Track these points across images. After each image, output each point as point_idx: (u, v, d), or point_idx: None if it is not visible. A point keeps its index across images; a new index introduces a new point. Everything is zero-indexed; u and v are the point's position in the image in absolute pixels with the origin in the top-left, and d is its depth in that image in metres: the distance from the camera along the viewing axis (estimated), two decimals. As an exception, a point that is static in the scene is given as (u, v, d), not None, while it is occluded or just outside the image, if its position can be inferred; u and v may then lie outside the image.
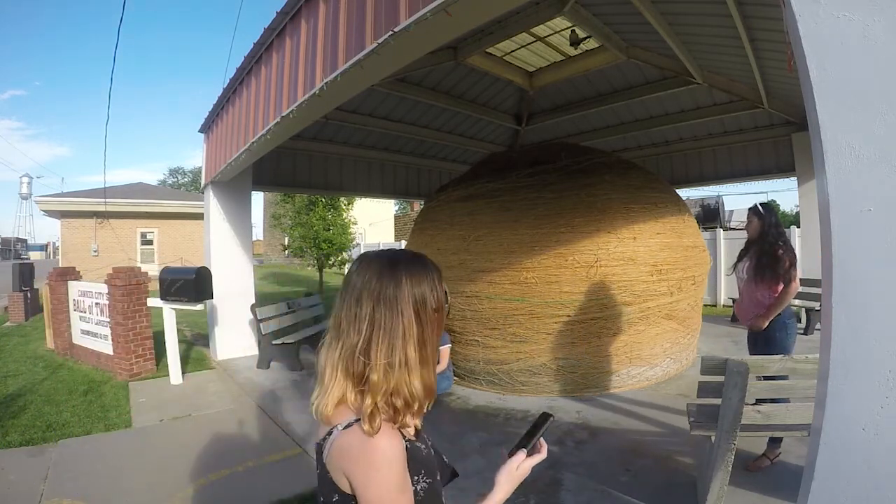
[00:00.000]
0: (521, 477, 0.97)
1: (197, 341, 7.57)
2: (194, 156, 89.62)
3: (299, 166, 7.88)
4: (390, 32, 2.35)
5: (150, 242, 17.76)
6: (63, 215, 16.07)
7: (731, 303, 8.70)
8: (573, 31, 5.31)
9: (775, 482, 2.78)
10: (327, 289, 15.65)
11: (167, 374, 5.36)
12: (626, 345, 4.51)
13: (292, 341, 5.77)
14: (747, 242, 3.41)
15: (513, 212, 4.74)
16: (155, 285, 5.52)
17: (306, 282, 18.27)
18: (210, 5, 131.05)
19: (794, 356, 2.45)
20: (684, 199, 6.11)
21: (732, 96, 6.05)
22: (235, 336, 6.49)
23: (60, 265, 11.18)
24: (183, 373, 5.46)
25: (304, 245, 15.02)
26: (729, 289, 9.30)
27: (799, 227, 7.55)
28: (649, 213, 4.77)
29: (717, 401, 2.49)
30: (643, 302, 4.47)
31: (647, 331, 4.59)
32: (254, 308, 6.04)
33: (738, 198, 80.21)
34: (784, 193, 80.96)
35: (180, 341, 6.13)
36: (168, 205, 17.89)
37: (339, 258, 15.55)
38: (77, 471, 3.27)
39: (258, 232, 34.71)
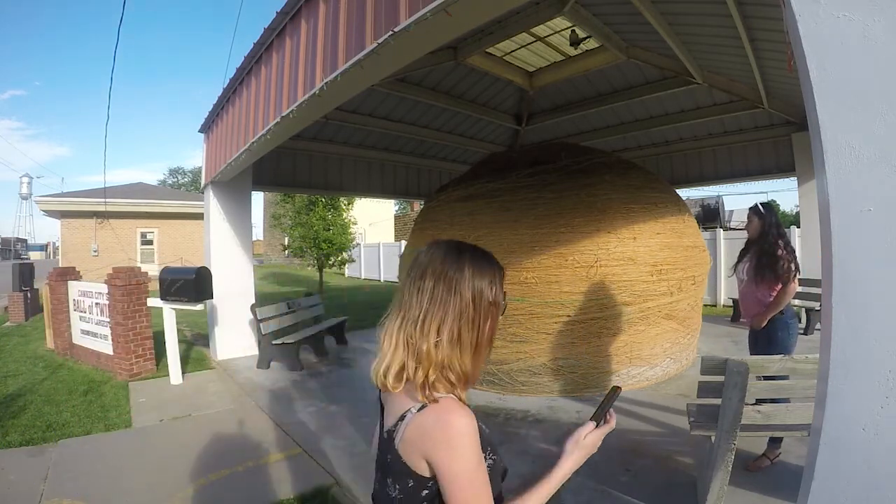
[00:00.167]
0: (589, 446, 0.98)
1: (197, 341, 7.57)
2: (194, 156, 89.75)
3: (299, 166, 7.87)
4: (390, 32, 2.35)
5: (150, 242, 17.77)
6: (63, 215, 16.08)
7: (731, 303, 8.70)
8: (573, 31, 5.31)
9: (775, 482, 2.78)
10: (327, 289, 15.66)
11: (167, 374, 5.36)
12: (626, 345, 4.51)
13: (292, 341, 5.77)
14: (747, 242, 3.41)
15: (513, 212, 4.74)
16: (155, 285, 5.52)
17: (306, 282, 18.27)
18: (210, 5, 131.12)
19: (794, 356, 2.45)
20: (684, 199, 6.11)
21: (732, 96, 6.05)
22: (235, 336, 6.49)
23: (60, 265, 11.19)
24: (183, 373, 5.46)
25: (304, 245, 15.03)
26: (729, 289, 9.30)
27: (799, 227, 7.55)
28: (649, 213, 4.77)
29: (717, 401, 2.49)
30: (643, 302, 4.47)
31: (647, 331, 4.59)
32: (254, 308, 6.04)
33: (738, 198, 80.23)
34: (784, 193, 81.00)
35: (180, 341, 6.14)
36: (168, 205, 17.90)
37: (339, 258, 15.56)
38: (77, 471, 3.27)
39: (258, 232, 34.76)
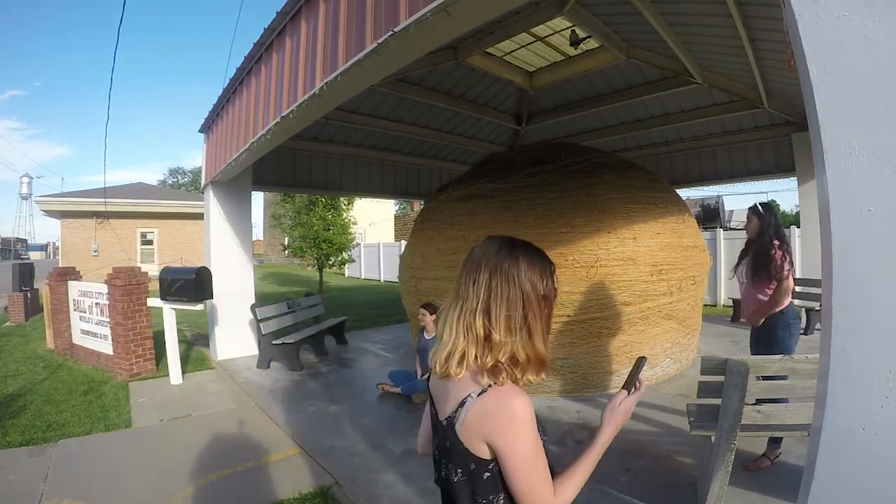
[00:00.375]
0: (625, 412, 1.04)
1: (197, 341, 7.57)
2: (194, 156, 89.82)
3: (299, 166, 7.87)
4: (390, 32, 2.35)
5: (150, 242, 17.76)
6: (63, 215, 16.07)
7: (731, 303, 8.71)
8: (573, 31, 5.31)
9: (775, 482, 2.78)
10: (327, 289, 15.66)
11: (167, 374, 5.36)
12: (626, 345, 4.51)
13: (292, 341, 5.76)
14: (747, 243, 3.41)
15: (513, 212, 4.74)
16: (155, 285, 5.52)
17: (306, 282, 18.28)
18: (210, 5, 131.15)
19: (794, 356, 2.45)
20: (684, 199, 6.11)
21: (732, 96, 6.05)
22: (235, 336, 6.49)
23: (60, 265, 11.20)
24: (183, 373, 5.46)
25: (304, 245, 15.03)
26: (729, 289, 9.30)
27: (799, 227, 7.55)
28: (649, 213, 4.77)
29: (717, 401, 2.49)
30: (643, 302, 4.47)
31: (647, 331, 4.59)
32: (254, 308, 6.04)
33: (738, 198, 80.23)
34: (784, 193, 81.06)
35: (180, 341, 6.14)
36: (168, 205, 17.89)
37: (339, 258, 15.56)
38: (77, 471, 3.27)
39: (258, 232, 34.78)
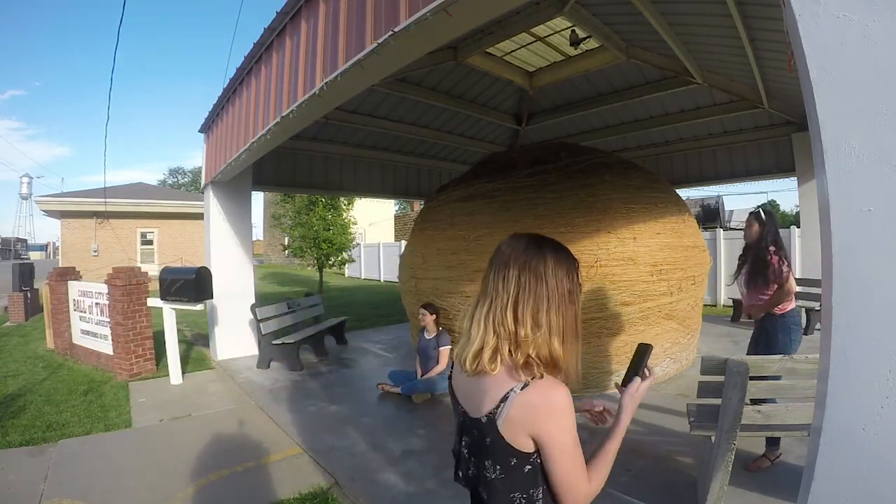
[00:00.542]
0: (639, 398, 1.11)
1: (197, 341, 7.57)
2: (194, 156, 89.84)
3: (299, 166, 7.87)
4: (390, 32, 2.35)
5: (150, 242, 17.76)
6: (63, 215, 16.07)
7: (731, 303, 8.71)
8: (573, 31, 5.31)
9: (775, 482, 2.78)
10: (327, 289, 15.66)
11: (167, 374, 5.35)
12: (626, 345, 4.51)
13: (292, 341, 5.76)
14: (745, 249, 3.41)
15: (513, 212, 4.74)
16: (155, 285, 5.52)
17: (306, 282, 18.28)
18: (210, 5, 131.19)
19: (794, 356, 2.46)
20: (684, 199, 6.11)
21: (732, 96, 6.05)
22: (235, 336, 6.49)
23: (60, 265, 11.20)
24: (183, 373, 5.45)
25: (304, 245, 15.03)
26: (729, 289, 9.31)
27: (799, 227, 7.55)
28: (649, 213, 4.77)
29: (717, 401, 2.49)
30: (643, 302, 4.47)
31: (647, 331, 4.59)
32: (254, 308, 6.04)
33: (738, 198, 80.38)
34: (784, 193, 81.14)
35: (180, 341, 6.14)
36: (168, 205, 17.89)
37: (339, 258, 15.55)
38: (77, 471, 3.27)
39: (258, 232, 34.79)
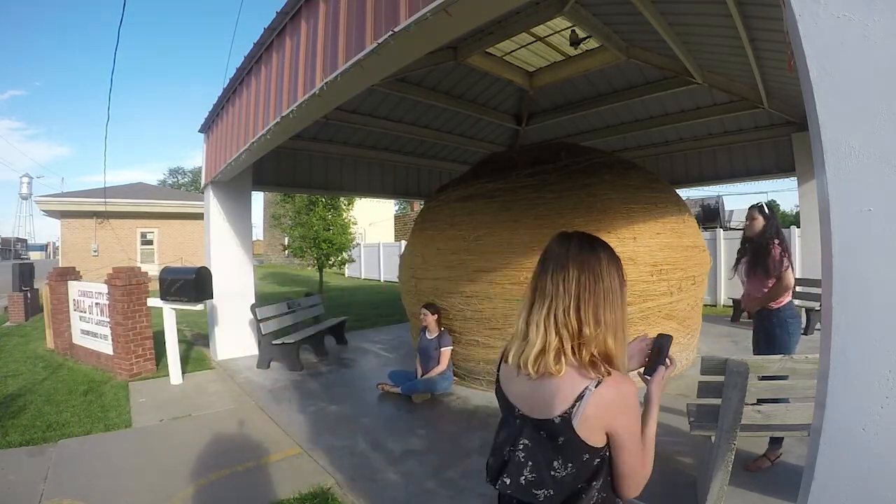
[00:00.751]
0: (664, 385, 1.16)
1: (197, 341, 7.57)
2: (194, 156, 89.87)
3: (299, 166, 7.87)
4: (390, 32, 2.35)
5: (150, 242, 17.76)
6: (63, 215, 16.07)
7: (731, 303, 8.71)
8: (573, 31, 5.31)
9: (775, 482, 2.78)
10: (327, 289, 15.66)
11: (167, 374, 5.35)
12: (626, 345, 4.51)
13: (292, 341, 5.76)
14: (743, 241, 3.41)
15: (513, 212, 4.74)
16: (155, 285, 5.52)
17: (306, 282, 18.28)
18: (210, 5, 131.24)
19: (794, 356, 2.45)
20: (684, 199, 6.10)
21: (732, 96, 6.05)
22: (235, 336, 6.49)
23: (60, 265, 11.20)
24: (183, 373, 5.45)
25: (304, 245, 15.03)
26: (729, 289, 9.31)
27: (799, 227, 7.55)
28: (649, 213, 4.77)
29: (717, 401, 2.49)
30: (643, 302, 4.47)
31: (647, 331, 4.58)
32: (254, 308, 6.04)
33: (738, 198, 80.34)
34: (784, 193, 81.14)
35: (180, 341, 6.14)
36: (168, 205, 17.90)
37: (339, 258, 15.56)
38: (77, 471, 3.27)
39: (258, 232, 34.79)
